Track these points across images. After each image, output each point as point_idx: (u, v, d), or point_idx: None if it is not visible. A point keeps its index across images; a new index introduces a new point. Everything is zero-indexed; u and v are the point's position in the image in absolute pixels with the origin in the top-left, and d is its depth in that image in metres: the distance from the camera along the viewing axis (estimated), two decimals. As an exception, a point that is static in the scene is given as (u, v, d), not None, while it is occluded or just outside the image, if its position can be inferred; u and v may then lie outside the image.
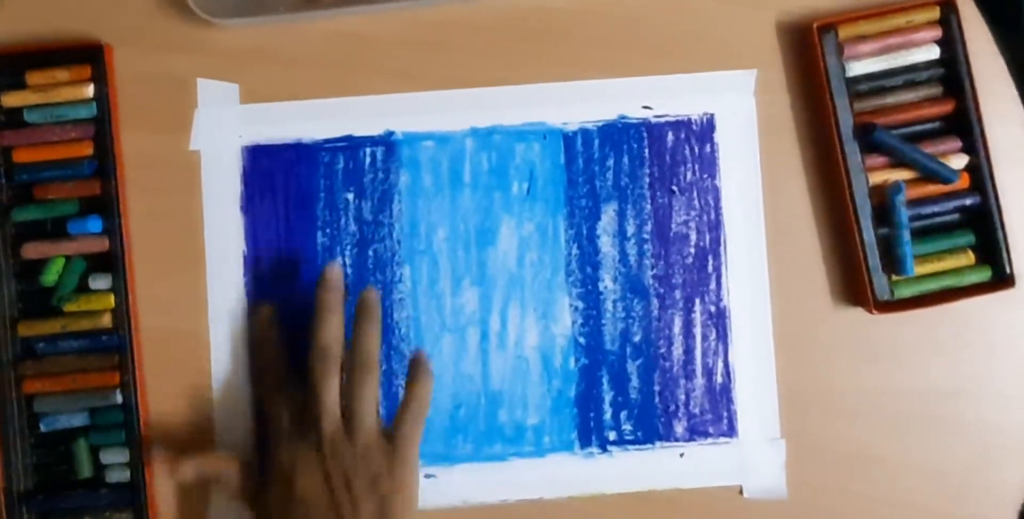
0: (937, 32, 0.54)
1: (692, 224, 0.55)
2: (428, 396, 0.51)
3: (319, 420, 0.49)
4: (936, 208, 0.54)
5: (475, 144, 0.55)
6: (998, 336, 0.55)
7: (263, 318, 0.53)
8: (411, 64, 0.55)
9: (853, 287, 0.55)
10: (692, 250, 0.55)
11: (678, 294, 0.55)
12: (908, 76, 0.55)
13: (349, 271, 0.54)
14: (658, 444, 0.55)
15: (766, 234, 0.55)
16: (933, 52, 0.54)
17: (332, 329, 0.51)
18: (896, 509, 0.55)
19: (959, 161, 0.54)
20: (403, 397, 0.51)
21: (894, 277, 0.54)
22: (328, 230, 0.55)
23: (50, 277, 0.53)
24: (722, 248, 0.55)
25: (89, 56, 0.53)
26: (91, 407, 0.53)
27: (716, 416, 0.55)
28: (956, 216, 0.55)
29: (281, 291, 0.54)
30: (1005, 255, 0.54)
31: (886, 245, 0.54)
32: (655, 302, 0.55)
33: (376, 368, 0.50)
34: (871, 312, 0.54)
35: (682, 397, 0.55)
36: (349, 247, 0.55)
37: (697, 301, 0.55)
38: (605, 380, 0.55)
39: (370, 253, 0.55)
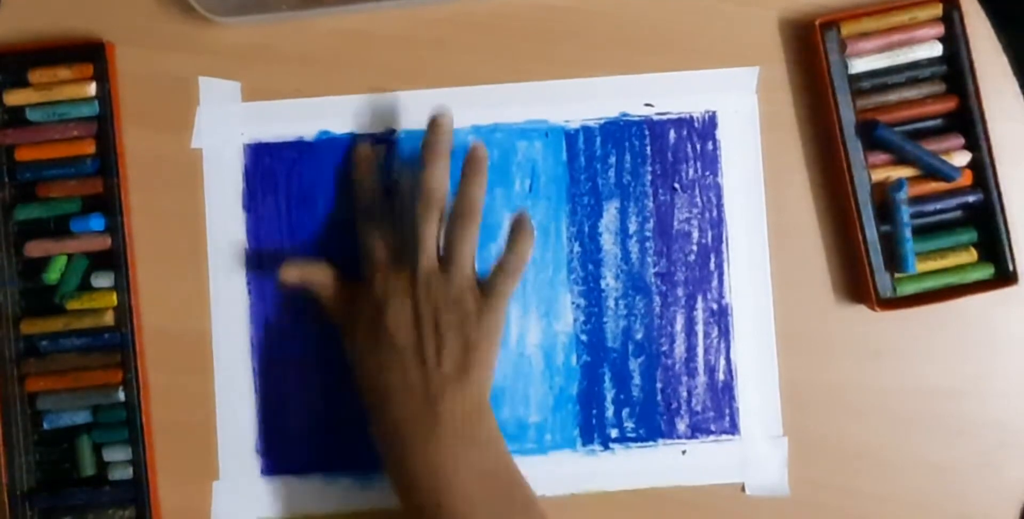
0: (939, 29, 0.54)
1: (694, 222, 0.55)
2: (528, 253, 0.51)
3: (417, 256, 0.50)
4: (938, 205, 0.54)
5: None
6: (1001, 333, 0.55)
7: (363, 154, 0.54)
8: (413, 62, 0.55)
9: (855, 284, 0.55)
10: (694, 247, 0.55)
11: (680, 291, 0.55)
12: (910, 73, 0.54)
13: (352, 269, 0.54)
14: (660, 441, 0.55)
15: (768, 231, 0.55)
16: (936, 49, 0.54)
17: (439, 173, 0.51)
18: (898, 506, 0.55)
19: (961, 158, 0.54)
20: (502, 252, 0.51)
21: (896, 274, 0.54)
22: (330, 228, 0.55)
23: (53, 275, 0.53)
24: (724, 245, 0.55)
25: (91, 54, 0.53)
26: (94, 405, 0.53)
27: (718, 413, 0.55)
28: (959, 213, 0.55)
29: (284, 289, 0.54)
30: (1008, 252, 0.54)
31: (888, 242, 0.54)
32: (657, 299, 0.55)
33: (479, 217, 0.51)
34: (873, 309, 0.54)
35: (684, 394, 0.55)
36: (351, 245, 0.55)
37: (699, 298, 0.55)
38: (607, 378, 0.55)
39: (372, 251, 0.55)
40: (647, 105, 0.55)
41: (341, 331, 0.53)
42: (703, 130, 0.55)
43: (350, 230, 0.54)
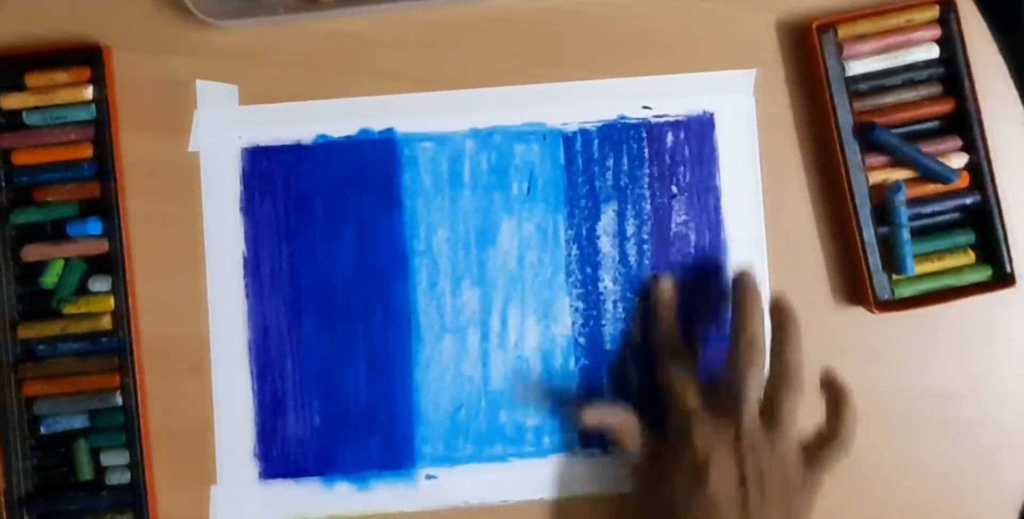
0: (936, 31, 0.54)
1: (692, 224, 0.55)
2: (854, 428, 0.49)
3: (741, 411, 0.48)
4: (936, 207, 0.54)
5: (475, 145, 0.55)
6: (999, 335, 0.55)
7: (665, 290, 0.53)
8: (410, 65, 0.55)
9: (853, 286, 0.55)
10: (692, 250, 0.55)
11: (678, 294, 0.55)
12: (907, 75, 0.55)
13: (349, 273, 0.54)
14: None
15: (766, 234, 0.55)
16: (932, 51, 0.54)
17: (759, 320, 0.50)
18: (896, 508, 0.55)
19: (959, 160, 0.54)
20: (829, 429, 0.49)
21: (894, 276, 0.54)
22: (328, 231, 0.55)
23: (50, 279, 0.53)
24: (722, 248, 0.55)
25: (88, 58, 0.53)
26: (91, 409, 0.53)
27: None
28: (956, 215, 0.55)
29: (281, 293, 0.54)
30: (1005, 254, 0.54)
31: (886, 244, 0.54)
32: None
33: (804, 380, 0.49)
34: (871, 311, 0.54)
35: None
36: (349, 248, 0.55)
37: (697, 300, 0.55)
38: (605, 380, 0.55)
39: (370, 254, 0.55)
40: (645, 108, 0.55)
41: (636, 473, 0.52)
42: (701, 132, 0.55)
43: (347, 234, 0.54)
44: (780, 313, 0.51)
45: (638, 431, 0.52)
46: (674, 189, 0.55)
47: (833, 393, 0.50)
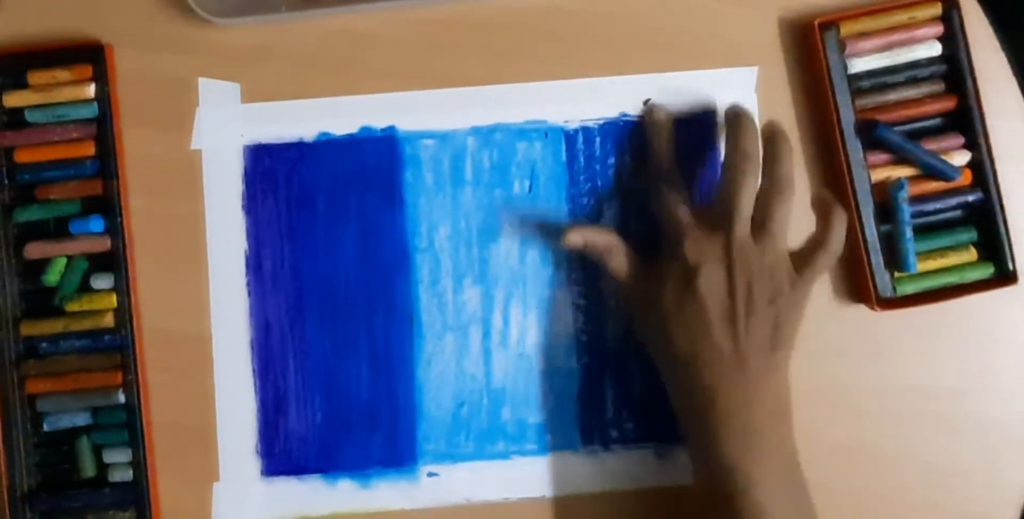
0: (939, 28, 0.54)
1: (694, 222, 0.55)
2: (843, 239, 0.50)
3: (732, 222, 0.49)
4: (938, 205, 0.54)
5: (476, 142, 0.55)
6: (1001, 332, 0.55)
7: (658, 120, 0.54)
8: (412, 62, 0.55)
9: (855, 284, 0.55)
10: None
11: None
12: (910, 73, 0.55)
13: (351, 270, 0.54)
14: (660, 442, 0.55)
15: (768, 231, 0.55)
16: (935, 48, 0.54)
17: (752, 136, 0.50)
18: (899, 506, 0.55)
19: (961, 158, 0.54)
20: (820, 236, 0.50)
21: (897, 274, 0.54)
22: (330, 229, 0.55)
23: (52, 277, 0.53)
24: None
25: (90, 56, 0.53)
26: (94, 406, 0.53)
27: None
28: (958, 213, 0.55)
29: (283, 291, 0.54)
30: (1008, 251, 0.54)
31: (888, 242, 0.54)
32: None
33: (794, 192, 0.50)
34: (874, 309, 0.54)
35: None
36: (351, 246, 0.55)
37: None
38: (607, 378, 0.55)
39: (372, 252, 0.55)
40: (646, 102, 0.55)
41: (626, 296, 0.53)
42: (703, 130, 0.55)
43: (348, 231, 0.54)
44: (772, 132, 0.51)
45: (625, 252, 0.52)
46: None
47: (824, 205, 0.51)
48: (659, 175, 0.53)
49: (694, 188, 0.55)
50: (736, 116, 0.52)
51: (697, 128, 0.55)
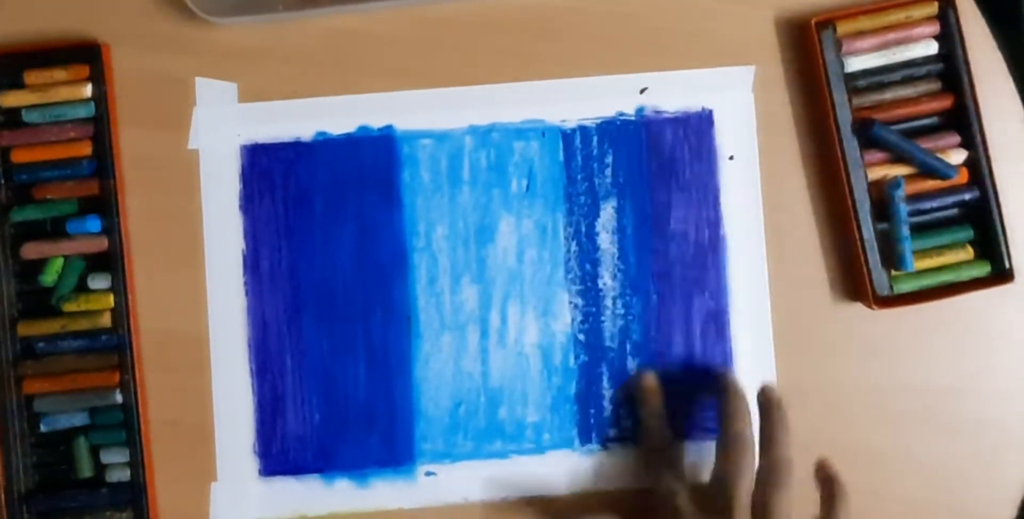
0: (935, 27, 0.54)
1: (691, 221, 0.55)
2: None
3: (732, 512, 0.48)
4: (935, 203, 0.54)
5: (474, 142, 0.55)
6: (998, 331, 0.55)
7: (649, 386, 0.53)
8: (409, 62, 0.55)
9: (852, 282, 0.55)
10: (691, 247, 0.55)
11: (677, 291, 0.55)
12: (906, 71, 0.55)
13: (349, 270, 0.54)
14: (659, 441, 0.55)
15: (765, 230, 0.55)
16: (931, 47, 0.54)
17: (744, 415, 0.50)
18: (896, 505, 0.55)
19: (958, 156, 0.54)
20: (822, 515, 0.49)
21: (893, 272, 0.54)
22: (327, 228, 0.55)
23: (49, 277, 0.53)
24: (721, 244, 0.55)
25: (87, 55, 0.53)
26: (91, 407, 0.53)
27: (716, 412, 0.55)
28: (955, 211, 0.55)
29: (281, 290, 0.54)
30: (1004, 250, 0.54)
31: (885, 240, 0.54)
32: (654, 299, 0.55)
33: (794, 475, 0.48)
34: (871, 307, 0.54)
35: (682, 394, 0.55)
36: (349, 245, 0.55)
37: (696, 297, 0.55)
38: (605, 377, 0.55)
39: (369, 251, 0.55)
40: (643, 89, 0.55)
41: None
42: (699, 129, 0.55)
43: (346, 231, 0.54)
44: (767, 404, 0.51)
45: None
46: (673, 186, 0.55)
47: (828, 486, 0.50)
48: (652, 447, 0.53)
49: (687, 446, 0.54)
50: (727, 391, 0.51)
51: (695, 128, 0.55)
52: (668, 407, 0.54)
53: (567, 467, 0.55)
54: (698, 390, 0.55)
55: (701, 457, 0.54)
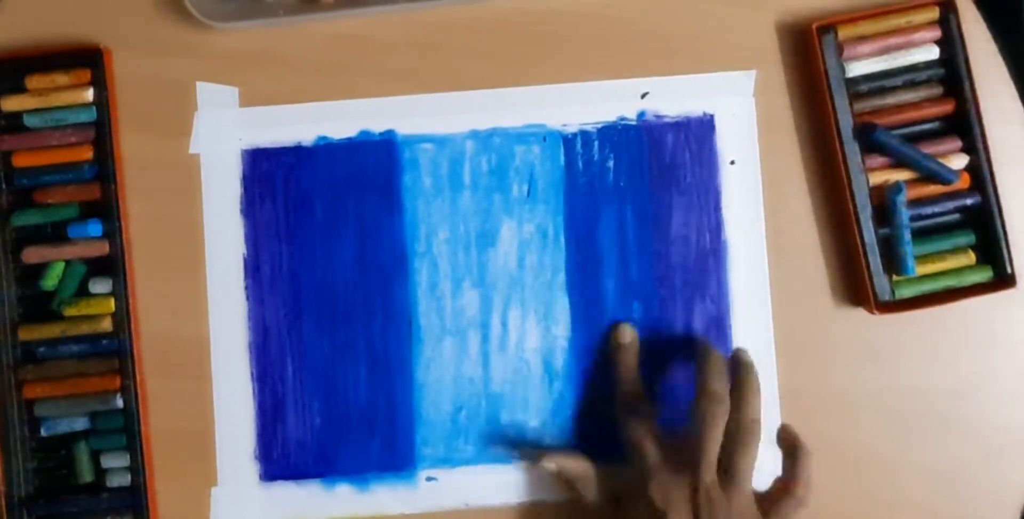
0: (936, 32, 0.54)
1: (692, 225, 0.55)
2: (810, 482, 0.50)
3: (698, 468, 0.49)
4: (936, 208, 0.54)
5: (475, 146, 0.55)
6: (999, 336, 0.55)
7: (627, 337, 0.54)
8: (410, 66, 0.55)
9: (854, 287, 0.55)
10: (692, 251, 0.55)
11: (679, 296, 0.55)
12: (908, 76, 0.55)
13: (350, 274, 0.54)
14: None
15: (766, 235, 0.55)
16: (932, 52, 0.54)
17: (721, 376, 0.50)
18: (898, 509, 0.55)
19: (959, 161, 0.54)
20: (787, 482, 0.50)
21: (895, 277, 0.54)
22: (328, 233, 0.55)
23: (50, 281, 0.53)
24: (722, 249, 0.55)
25: (89, 60, 0.53)
26: (92, 411, 0.53)
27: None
28: (957, 216, 0.55)
29: (282, 295, 0.54)
30: (1006, 255, 0.54)
31: (887, 245, 0.54)
32: (656, 304, 0.55)
33: (760, 436, 0.49)
34: (872, 312, 0.54)
35: (683, 398, 0.55)
36: (349, 250, 0.55)
37: (697, 302, 0.55)
38: (605, 382, 0.55)
39: (370, 256, 0.55)
40: (643, 96, 0.55)
41: None
42: (701, 134, 0.55)
43: (347, 235, 0.54)
44: (741, 368, 0.51)
45: (596, 482, 0.52)
46: (674, 190, 0.55)
47: (790, 447, 0.50)
48: (626, 401, 0.53)
49: (661, 406, 0.54)
50: (705, 354, 0.52)
51: (696, 133, 0.55)
52: (647, 374, 0.54)
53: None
54: (679, 360, 0.55)
55: (676, 415, 0.53)
